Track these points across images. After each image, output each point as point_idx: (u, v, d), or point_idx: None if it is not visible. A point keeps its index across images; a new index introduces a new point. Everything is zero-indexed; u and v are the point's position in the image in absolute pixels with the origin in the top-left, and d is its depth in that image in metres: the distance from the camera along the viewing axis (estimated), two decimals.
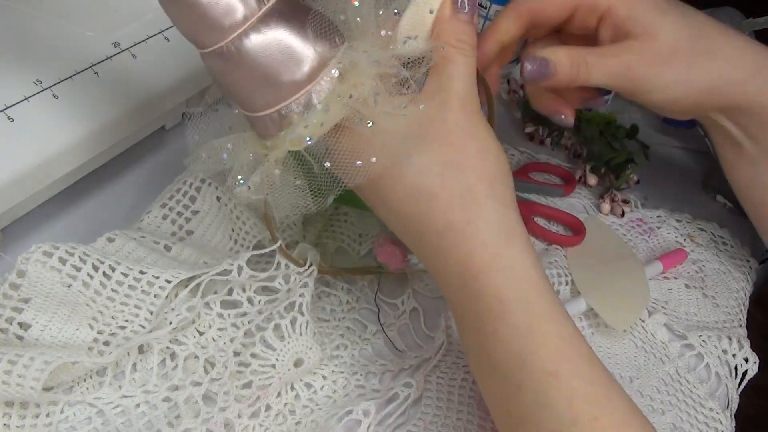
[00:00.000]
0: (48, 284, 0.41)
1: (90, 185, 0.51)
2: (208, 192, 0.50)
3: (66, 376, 0.39)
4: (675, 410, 0.44)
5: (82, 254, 0.42)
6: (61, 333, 0.41)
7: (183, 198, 0.49)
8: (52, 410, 0.39)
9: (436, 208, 0.35)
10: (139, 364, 0.42)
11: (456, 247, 0.35)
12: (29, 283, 0.41)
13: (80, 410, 0.40)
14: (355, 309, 0.48)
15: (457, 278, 0.35)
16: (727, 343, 0.48)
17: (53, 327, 0.41)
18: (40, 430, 0.38)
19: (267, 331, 0.42)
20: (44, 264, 0.41)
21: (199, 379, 0.41)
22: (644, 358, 0.47)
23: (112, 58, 0.48)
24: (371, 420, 0.40)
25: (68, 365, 0.39)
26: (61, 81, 0.45)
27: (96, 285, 0.42)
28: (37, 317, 0.40)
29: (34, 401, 0.38)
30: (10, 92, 0.43)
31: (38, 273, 0.41)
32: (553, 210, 0.57)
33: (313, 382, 0.43)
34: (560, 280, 0.51)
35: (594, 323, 0.49)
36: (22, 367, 0.37)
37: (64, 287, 0.41)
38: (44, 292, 0.41)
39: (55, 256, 0.41)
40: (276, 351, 0.42)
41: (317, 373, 0.44)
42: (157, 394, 0.41)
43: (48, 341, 0.40)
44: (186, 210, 0.49)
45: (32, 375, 0.36)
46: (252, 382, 0.41)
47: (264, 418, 0.41)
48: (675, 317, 0.50)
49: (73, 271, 0.42)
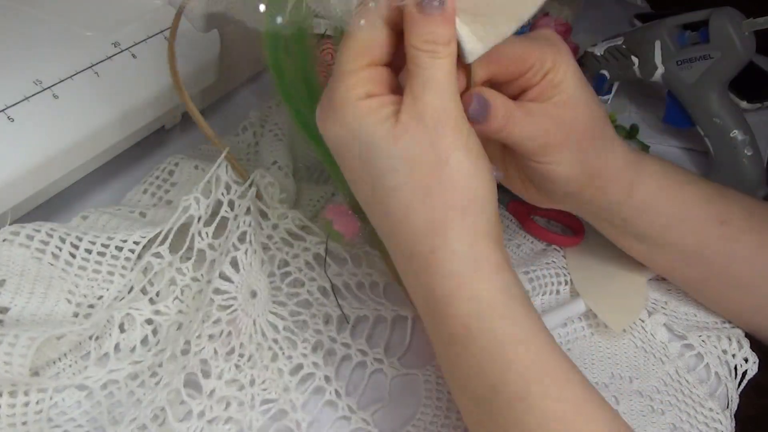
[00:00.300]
0: (20, 261, 0.42)
1: (90, 185, 0.52)
2: (185, 165, 0.52)
3: (52, 353, 0.40)
4: (675, 410, 0.44)
5: (49, 230, 0.43)
6: (40, 310, 0.41)
7: (162, 173, 0.52)
8: (42, 397, 0.39)
9: (402, 234, 0.34)
10: (122, 343, 0.42)
11: (421, 274, 0.34)
12: (1, 264, 0.41)
13: (69, 395, 0.40)
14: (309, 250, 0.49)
15: (423, 300, 0.35)
16: (726, 344, 0.48)
17: (32, 306, 0.41)
18: (30, 417, 0.39)
19: (225, 265, 0.43)
20: (12, 242, 0.42)
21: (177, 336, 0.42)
22: (644, 358, 0.47)
23: (112, 58, 0.48)
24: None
25: (53, 341, 0.40)
26: (61, 81, 0.45)
27: (66, 255, 0.43)
28: (14, 299, 0.41)
29: (22, 383, 0.39)
30: (10, 92, 0.43)
31: (8, 252, 0.42)
32: (552, 210, 0.57)
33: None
34: (559, 280, 0.51)
35: (593, 324, 0.49)
36: (8, 345, 0.37)
37: (35, 261, 0.42)
38: (18, 271, 0.42)
39: (23, 234, 0.42)
40: (235, 283, 0.43)
41: (276, 312, 0.45)
42: (143, 362, 0.42)
43: (29, 320, 0.41)
44: (165, 183, 0.51)
45: (19, 352, 0.37)
46: (220, 318, 0.42)
47: (238, 358, 0.42)
48: (675, 317, 0.50)
49: (41, 245, 0.43)
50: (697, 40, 0.60)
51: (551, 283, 0.50)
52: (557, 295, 0.50)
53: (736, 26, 0.58)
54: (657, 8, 0.92)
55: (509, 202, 0.57)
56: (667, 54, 0.62)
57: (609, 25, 0.55)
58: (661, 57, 0.62)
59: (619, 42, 0.66)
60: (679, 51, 0.61)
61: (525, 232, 0.55)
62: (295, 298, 0.47)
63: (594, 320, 0.49)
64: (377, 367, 0.44)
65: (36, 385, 0.39)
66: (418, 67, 0.33)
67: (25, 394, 0.39)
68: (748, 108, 0.72)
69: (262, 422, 0.41)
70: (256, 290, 0.44)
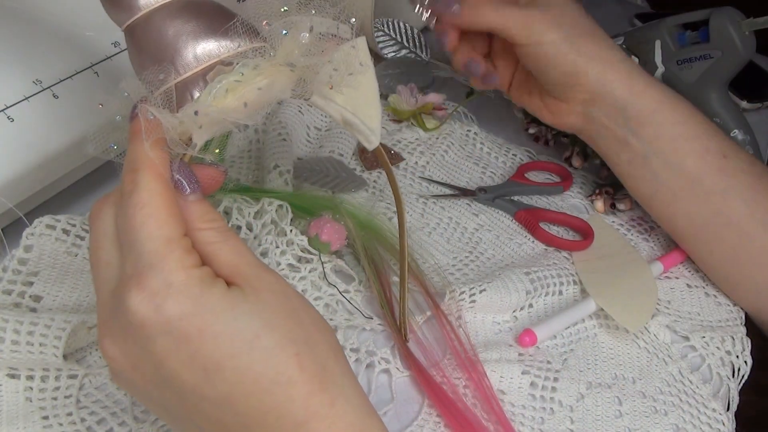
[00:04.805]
0: (53, 256, 0.44)
1: (90, 185, 0.51)
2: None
3: (82, 341, 0.42)
4: (678, 411, 0.44)
5: (82, 224, 0.45)
6: (72, 300, 0.43)
7: None
8: (72, 383, 0.41)
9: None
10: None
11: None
12: (37, 257, 0.44)
13: (94, 378, 0.42)
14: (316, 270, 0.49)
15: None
16: (730, 344, 0.48)
17: (64, 296, 0.43)
18: (60, 401, 0.40)
19: None
20: (49, 237, 0.44)
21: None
22: (647, 358, 0.47)
23: (112, 58, 0.48)
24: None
25: (84, 330, 0.41)
26: (61, 81, 0.45)
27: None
28: (47, 288, 0.43)
29: (54, 367, 0.40)
30: (10, 92, 0.43)
31: (43, 246, 0.44)
32: (559, 215, 0.57)
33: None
34: (561, 281, 0.51)
35: (600, 324, 0.49)
36: (44, 327, 0.39)
37: (71, 257, 0.44)
38: (50, 263, 0.44)
39: (59, 228, 0.44)
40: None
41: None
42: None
43: (60, 310, 0.43)
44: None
45: (54, 334, 0.39)
46: None
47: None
48: (678, 317, 0.50)
49: (77, 240, 0.45)
50: (697, 40, 0.60)
51: (554, 284, 0.50)
52: (560, 296, 0.50)
53: (736, 26, 0.58)
54: (657, 8, 0.92)
55: (516, 212, 0.56)
56: (667, 54, 0.62)
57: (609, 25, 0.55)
58: (661, 57, 0.62)
59: (619, 42, 0.66)
60: (679, 51, 0.61)
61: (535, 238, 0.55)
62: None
63: (600, 320, 0.49)
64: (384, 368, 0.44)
65: (66, 371, 0.41)
66: (210, 245, 0.30)
67: (56, 379, 0.40)
68: (748, 108, 0.72)
69: None
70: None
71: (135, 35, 0.32)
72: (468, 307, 0.47)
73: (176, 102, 0.31)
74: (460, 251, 0.53)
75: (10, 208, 0.44)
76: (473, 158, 0.62)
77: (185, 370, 0.28)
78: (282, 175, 0.53)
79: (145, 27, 0.31)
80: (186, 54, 0.31)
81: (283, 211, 0.49)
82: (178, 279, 0.28)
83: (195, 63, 0.31)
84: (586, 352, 0.47)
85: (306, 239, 0.49)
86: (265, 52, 0.31)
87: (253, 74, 0.31)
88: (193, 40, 0.31)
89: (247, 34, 0.31)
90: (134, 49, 0.32)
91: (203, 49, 0.31)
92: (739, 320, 0.51)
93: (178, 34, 0.31)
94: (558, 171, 0.61)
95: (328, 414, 0.29)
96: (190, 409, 0.29)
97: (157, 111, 0.30)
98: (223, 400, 0.28)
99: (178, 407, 0.29)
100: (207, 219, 0.30)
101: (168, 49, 0.31)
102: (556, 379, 0.45)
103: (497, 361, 0.45)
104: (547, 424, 0.43)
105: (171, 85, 0.31)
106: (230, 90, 0.30)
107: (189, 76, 0.31)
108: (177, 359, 0.28)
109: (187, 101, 0.31)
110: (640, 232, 0.57)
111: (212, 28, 0.31)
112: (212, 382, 0.28)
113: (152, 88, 0.31)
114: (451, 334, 0.46)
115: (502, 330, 0.48)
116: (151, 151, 0.29)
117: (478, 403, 0.42)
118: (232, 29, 0.31)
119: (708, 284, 0.53)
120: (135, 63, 0.32)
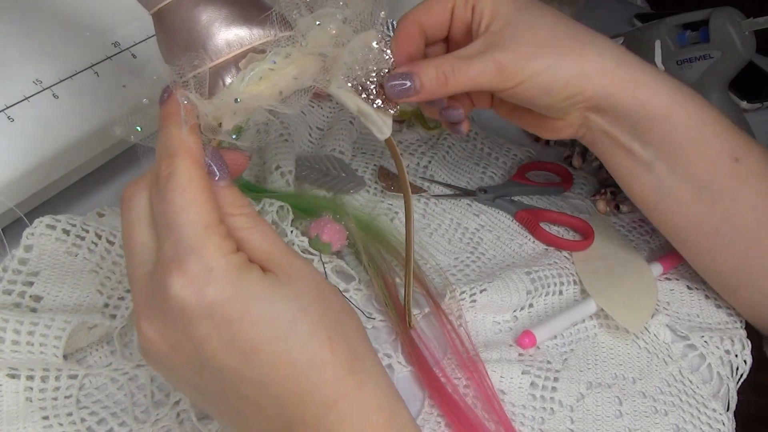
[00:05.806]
0: (53, 256, 0.44)
1: (90, 185, 0.51)
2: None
3: (82, 342, 0.42)
4: (678, 411, 0.44)
5: (83, 224, 0.45)
6: (72, 300, 0.43)
7: None
8: (72, 383, 0.41)
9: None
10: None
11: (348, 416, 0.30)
12: (37, 257, 0.43)
13: (94, 379, 0.42)
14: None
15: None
16: (729, 345, 0.48)
17: (64, 296, 0.43)
18: (60, 402, 0.40)
19: None
20: (49, 237, 0.44)
21: None
22: (647, 358, 0.47)
23: (112, 58, 0.48)
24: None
25: (84, 330, 0.41)
26: (61, 81, 0.45)
27: (101, 251, 0.45)
28: (47, 288, 0.43)
29: (54, 367, 0.40)
30: (10, 92, 0.43)
31: (44, 246, 0.44)
32: (559, 215, 0.57)
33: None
34: (561, 281, 0.51)
35: (600, 324, 0.49)
36: (44, 327, 0.39)
37: (71, 257, 0.44)
38: (51, 263, 0.44)
39: (59, 228, 0.44)
40: None
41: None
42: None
43: (60, 309, 0.42)
44: None
45: (54, 334, 0.39)
46: None
47: None
48: (677, 318, 0.50)
49: (78, 240, 0.45)
50: (697, 40, 0.60)
51: (554, 284, 0.50)
52: (560, 296, 0.50)
53: (736, 26, 0.58)
54: (657, 8, 0.92)
55: (517, 212, 0.56)
56: (667, 54, 0.62)
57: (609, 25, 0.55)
58: (661, 57, 0.62)
59: (619, 42, 0.66)
60: (679, 51, 0.61)
61: (535, 239, 0.55)
62: None
63: (600, 320, 0.49)
64: (386, 363, 0.44)
65: (66, 371, 0.41)
66: (241, 230, 0.31)
67: (56, 379, 0.40)
68: (748, 108, 0.72)
69: None
70: None
71: (165, 19, 0.32)
72: (468, 306, 0.48)
73: (208, 87, 0.31)
74: (461, 252, 0.53)
75: (10, 208, 0.44)
76: (474, 158, 0.62)
77: (225, 353, 0.29)
78: (284, 176, 0.53)
79: (176, 11, 0.31)
80: (218, 40, 0.31)
81: (284, 212, 0.49)
82: (218, 264, 0.28)
83: (227, 49, 0.31)
84: (586, 352, 0.47)
85: (307, 240, 0.49)
86: (297, 41, 0.31)
87: (285, 63, 0.31)
88: (226, 27, 0.31)
89: (278, 23, 0.32)
90: (164, 34, 0.32)
91: (236, 35, 0.31)
92: (739, 323, 0.51)
93: (211, 20, 0.31)
94: (558, 171, 0.61)
95: (358, 396, 0.30)
96: (228, 391, 0.30)
97: (194, 96, 0.30)
98: (260, 382, 0.29)
99: (216, 389, 0.30)
100: (237, 204, 0.31)
101: (200, 34, 0.31)
102: (556, 379, 0.45)
103: (497, 360, 0.45)
104: (547, 424, 0.43)
105: (205, 69, 0.31)
106: (264, 78, 0.31)
107: (222, 61, 0.31)
108: (217, 342, 0.29)
109: (219, 87, 0.31)
110: (641, 233, 0.57)
111: (244, 15, 0.32)
112: (251, 365, 0.29)
113: (183, 72, 0.31)
114: (452, 334, 0.46)
115: (503, 330, 0.48)
116: (188, 136, 0.30)
117: (478, 402, 0.42)
118: (264, 18, 0.31)
119: (708, 286, 0.53)
120: (163, 47, 0.32)
